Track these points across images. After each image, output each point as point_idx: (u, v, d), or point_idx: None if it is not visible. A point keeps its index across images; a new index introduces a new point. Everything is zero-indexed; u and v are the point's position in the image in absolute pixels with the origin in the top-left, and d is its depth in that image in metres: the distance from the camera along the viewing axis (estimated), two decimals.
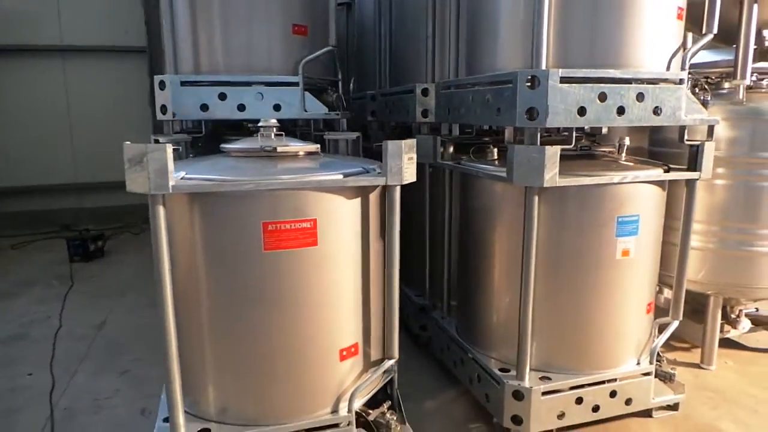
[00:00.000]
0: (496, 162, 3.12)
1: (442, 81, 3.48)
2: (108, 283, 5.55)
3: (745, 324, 3.82)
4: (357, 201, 2.42)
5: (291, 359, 2.38)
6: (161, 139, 3.02)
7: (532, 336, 2.74)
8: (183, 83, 3.13)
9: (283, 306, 2.32)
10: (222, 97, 3.17)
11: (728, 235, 3.39)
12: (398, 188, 2.43)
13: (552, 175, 2.48)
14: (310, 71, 3.39)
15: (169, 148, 2.06)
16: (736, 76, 3.33)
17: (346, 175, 2.35)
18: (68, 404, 3.27)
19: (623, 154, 3.02)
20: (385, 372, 2.69)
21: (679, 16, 2.76)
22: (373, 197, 2.49)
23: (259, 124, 2.70)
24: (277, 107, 3.27)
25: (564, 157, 2.52)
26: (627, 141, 3.00)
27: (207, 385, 2.43)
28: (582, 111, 2.48)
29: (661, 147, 3.57)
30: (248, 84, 3.23)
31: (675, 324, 3.08)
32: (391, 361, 2.63)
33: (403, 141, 2.37)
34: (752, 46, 3.30)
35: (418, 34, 3.80)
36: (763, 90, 3.50)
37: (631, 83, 2.56)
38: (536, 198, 2.59)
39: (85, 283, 5.52)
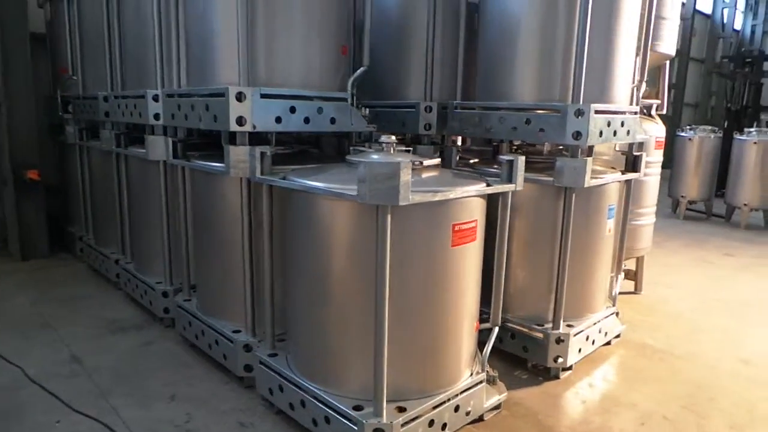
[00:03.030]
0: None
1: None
2: (11, 316, 4.69)
3: None
4: (485, 203, 3.05)
5: (461, 334, 2.91)
6: (263, 150, 3.10)
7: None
8: (264, 95, 3.23)
9: (460, 290, 2.84)
10: (292, 110, 3.36)
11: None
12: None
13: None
14: (343, 87, 3.75)
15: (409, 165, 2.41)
16: None
17: (488, 184, 2.96)
18: None
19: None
20: None
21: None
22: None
23: (382, 139, 3.07)
24: (332, 120, 3.58)
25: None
26: None
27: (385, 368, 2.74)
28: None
29: None
30: (311, 98, 3.47)
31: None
32: (497, 328, 3.31)
33: (520, 157, 3.08)
34: None
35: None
36: None
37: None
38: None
39: None
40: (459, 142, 4.84)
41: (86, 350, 4.10)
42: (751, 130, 9.65)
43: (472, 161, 4.39)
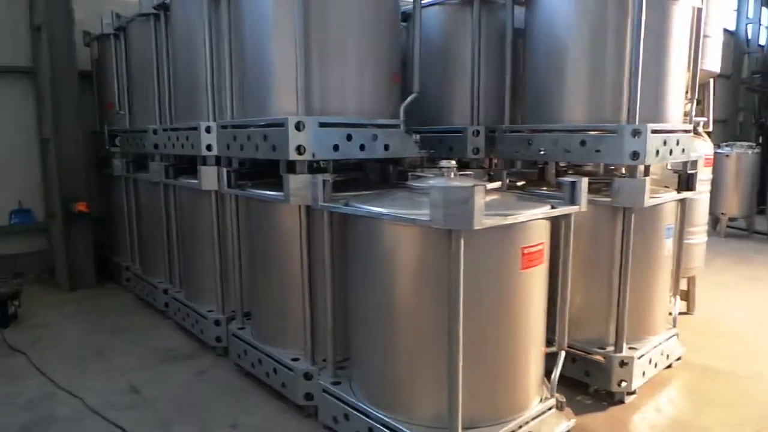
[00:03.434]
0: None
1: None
2: (66, 346, 4.77)
3: None
4: (549, 225, 3.02)
5: (531, 358, 2.87)
6: (325, 177, 3.13)
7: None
8: (322, 124, 3.28)
9: (529, 314, 2.81)
10: (349, 137, 3.40)
11: None
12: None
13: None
14: (395, 114, 3.78)
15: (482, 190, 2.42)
16: None
17: (552, 207, 2.94)
18: None
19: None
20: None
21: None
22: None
23: (442, 164, 3.08)
24: (386, 147, 3.61)
25: None
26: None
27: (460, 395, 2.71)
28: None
29: None
30: (365, 126, 3.52)
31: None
32: (563, 352, 3.26)
33: (582, 178, 3.06)
34: None
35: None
36: None
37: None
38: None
39: (38, 351, 4.65)
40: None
41: (143, 379, 4.13)
42: None
43: (519, 183, 4.37)
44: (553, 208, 2.92)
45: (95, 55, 6.78)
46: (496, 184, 3.11)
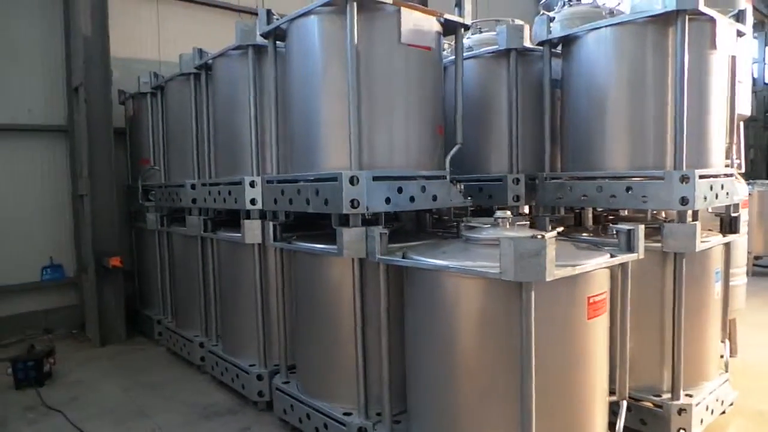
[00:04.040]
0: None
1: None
2: (104, 403, 4.72)
3: None
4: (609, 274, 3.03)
5: (596, 409, 2.82)
6: (383, 230, 3.16)
7: None
8: (375, 178, 3.34)
9: (595, 363, 2.78)
10: (399, 190, 3.45)
11: None
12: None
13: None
14: (440, 165, 3.85)
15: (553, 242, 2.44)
16: None
17: (612, 256, 2.95)
18: None
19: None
20: None
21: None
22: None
23: (497, 215, 3.12)
24: (435, 198, 3.66)
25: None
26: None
27: None
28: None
29: None
30: (414, 178, 3.57)
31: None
32: (625, 401, 3.19)
33: (639, 225, 3.08)
34: None
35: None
36: None
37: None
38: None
39: (76, 410, 4.60)
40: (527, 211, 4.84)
41: None
42: None
43: (558, 230, 4.38)
44: (612, 256, 2.93)
45: (130, 112, 6.97)
46: (553, 233, 3.12)
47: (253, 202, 4.29)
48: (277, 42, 4.10)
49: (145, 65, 7.28)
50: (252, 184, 4.28)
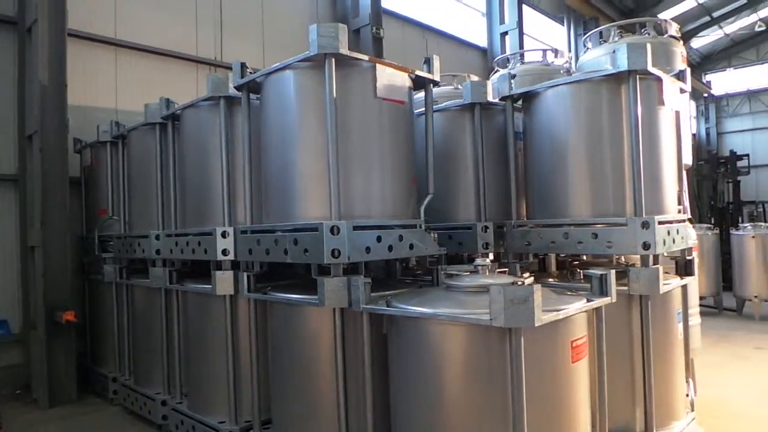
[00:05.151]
0: None
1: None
2: None
3: None
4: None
5: None
6: (366, 280, 3.19)
7: None
8: (355, 228, 3.38)
9: (579, 407, 2.85)
10: (378, 239, 3.50)
11: None
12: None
13: None
14: (414, 214, 3.94)
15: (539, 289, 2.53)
16: None
17: (588, 300, 3.07)
18: None
19: None
20: None
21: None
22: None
23: (477, 263, 3.21)
24: (411, 246, 3.73)
25: None
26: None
27: None
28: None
29: None
30: (392, 227, 3.64)
31: None
32: None
33: (610, 271, 3.23)
34: None
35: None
36: None
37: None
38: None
39: None
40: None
41: None
42: (747, 225, 10.18)
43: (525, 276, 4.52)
44: (589, 301, 3.05)
45: (87, 161, 6.79)
46: (530, 279, 3.24)
47: (225, 252, 4.23)
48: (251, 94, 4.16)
49: (103, 113, 7.18)
50: (224, 235, 4.22)
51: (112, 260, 6.04)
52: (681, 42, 6.26)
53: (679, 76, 4.56)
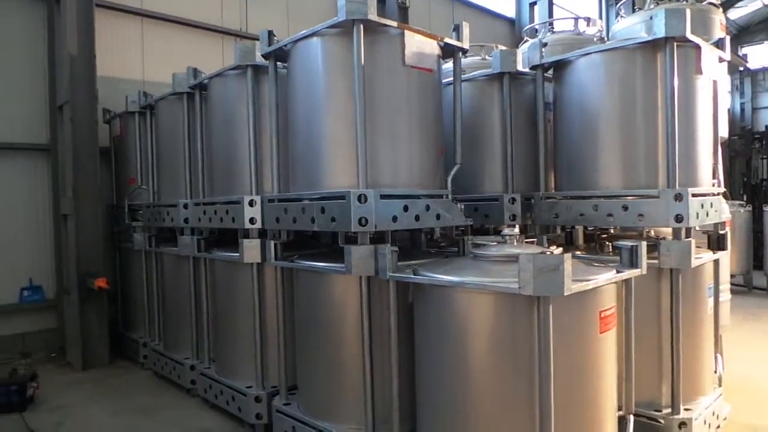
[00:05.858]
0: None
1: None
2: (93, 430, 4.56)
3: None
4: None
5: (607, 424, 2.87)
6: (394, 248, 3.19)
7: None
8: (382, 196, 3.37)
9: (607, 378, 2.84)
10: (405, 208, 3.49)
11: None
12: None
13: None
14: (441, 184, 3.91)
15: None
16: None
17: (618, 271, 3.03)
18: None
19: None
20: None
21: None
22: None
23: (505, 232, 3.18)
24: (438, 216, 3.71)
25: None
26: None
27: None
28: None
29: None
30: (419, 197, 3.62)
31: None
32: (632, 416, 3.25)
33: (641, 242, 3.18)
34: None
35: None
36: None
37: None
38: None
39: None
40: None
41: None
42: None
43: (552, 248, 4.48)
44: (618, 272, 3.01)
45: (116, 132, 6.88)
46: (559, 250, 3.20)
47: (252, 221, 4.27)
48: (278, 62, 4.14)
49: (130, 84, 7.24)
50: (251, 203, 4.26)
51: (142, 229, 6.16)
52: (720, 9, 6.03)
53: (718, 44, 4.39)
